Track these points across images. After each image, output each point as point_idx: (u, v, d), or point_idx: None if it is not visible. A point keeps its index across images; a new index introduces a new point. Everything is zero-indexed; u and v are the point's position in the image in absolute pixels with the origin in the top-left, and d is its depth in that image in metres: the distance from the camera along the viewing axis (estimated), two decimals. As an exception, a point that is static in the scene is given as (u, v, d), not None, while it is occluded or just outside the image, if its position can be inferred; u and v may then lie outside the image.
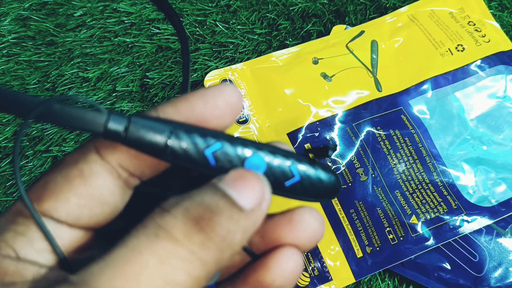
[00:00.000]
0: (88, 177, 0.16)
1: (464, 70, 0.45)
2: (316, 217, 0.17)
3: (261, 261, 0.17)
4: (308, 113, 0.43)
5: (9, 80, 0.47)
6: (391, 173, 0.40)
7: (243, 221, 0.15)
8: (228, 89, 0.17)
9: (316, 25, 0.49)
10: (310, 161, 0.17)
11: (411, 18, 0.48)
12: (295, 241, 0.17)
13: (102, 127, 0.15)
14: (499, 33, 0.47)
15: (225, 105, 0.17)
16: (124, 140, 0.15)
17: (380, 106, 0.43)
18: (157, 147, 0.16)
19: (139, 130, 0.15)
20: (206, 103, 0.16)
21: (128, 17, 0.50)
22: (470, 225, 0.38)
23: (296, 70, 0.44)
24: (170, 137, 0.16)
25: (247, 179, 0.15)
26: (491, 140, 0.42)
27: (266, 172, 0.17)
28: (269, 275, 0.17)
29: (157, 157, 0.16)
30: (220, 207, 0.15)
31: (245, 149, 0.16)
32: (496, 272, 0.37)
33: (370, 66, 0.45)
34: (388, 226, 0.38)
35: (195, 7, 0.50)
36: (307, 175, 0.17)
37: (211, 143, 0.16)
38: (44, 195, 0.16)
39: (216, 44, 0.48)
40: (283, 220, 0.17)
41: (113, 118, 0.15)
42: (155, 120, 0.16)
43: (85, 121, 0.15)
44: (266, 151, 0.17)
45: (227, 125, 0.17)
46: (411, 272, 0.38)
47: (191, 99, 0.16)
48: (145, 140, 0.16)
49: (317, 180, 0.17)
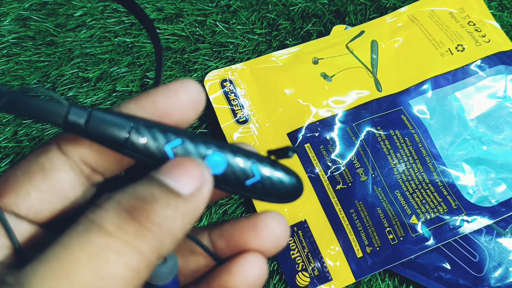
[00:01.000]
0: (48, 172, 0.16)
1: (464, 70, 0.45)
2: (281, 222, 0.17)
3: (225, 266, 0.17)
4: (308, 113, 0.43)
5: (9, 80, 0.47)
6: (391, 173, 0.40)
7: (182, 207, 0.15)
8: (190, 84, 0.17)
9: (316, 25, 0.49)
10: (272, 162, 0.18)
11: (411, 18, 0.48)
12: (260, 247, 0.17)
13: (62, 119, 0.15)
14: (499, 33, 0.47)
15: (187, 99, 0.17)
16: (84, 132, 0.16)
17: (380, 106, 0.43)
18: (117, 141, 0.16)
19: (100, 123, 0.15)
20: (168, 98, 0.16)
21: (128, 17, 0.50)
22: (470, 225, 0.38)
23: (296, 70, 0.44)
24: (130, 131, 0.16)
25: (183, 165, 0.15)
26: (491, 140, 0.42)
27: (227, 170, 0.17)
28: (233, 280, 0.17)
29: (117, 151, 0.16)
30: (155, 195, 0.14)
31: (206, 147, 0.17)
32: (496, 272, 0.37)
33: (370, 66, 0.45)
34: (388, 226, 0.38)
35: (195, 7, 0.50)
36: (268, 175, 0.17)
37: (171, 138, 0.16)
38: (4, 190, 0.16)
39: (216, 44, 0.48)
40: (248, 225, 0.17)
41: (74, 111, 0.15)
42: (116, 114, 0.16)
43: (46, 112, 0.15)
44: (227, 149, 0.17)
45: (190, 119, 0.17)
46: (411, 272, 0.38)
47: (153, 94, 0.16)
48: (105, 134, 0.16)
49: (278, 181, 0.17)
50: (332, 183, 0.40)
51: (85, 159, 0.16)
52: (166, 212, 0.14)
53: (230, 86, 0.44)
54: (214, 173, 0.17)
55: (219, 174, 0.17)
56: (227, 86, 0.44)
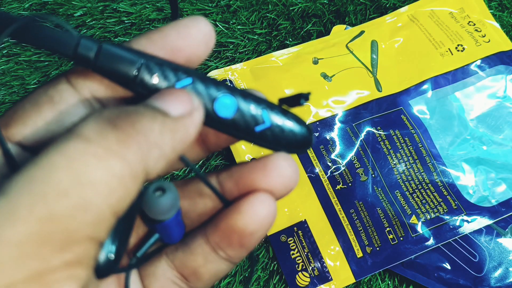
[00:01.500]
0: (57, 103, 0.16)
1: (464, 70, 0.45)
2: (290, 163, 0.17)
3: (233, 206, 0.17)
4: (308, 113, 0.43)
5: (9, 80, 0.47)
6: (391, 173, 0.40)
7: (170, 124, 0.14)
8: (200, 20, 0.17)
9: (316, 25, 0.49)
10: (282, 110, 0.17)
11: (411, 18, 0.48)
12: (269, 187, 0.17)
13: (72, 50, 0.15)
14: (499, 33, 0.47)
15: (197, 34, 0.16)
16: (93, 66, 0.15)
17: (380, 106, 0.43)
18: (126, 76, 0.15)
19: (110, 57, 0.15)
20: (179, 33, 0.16)
21: (128, 17, 0.50)
22: (470, 225, 0.38)
23: (296, 70, 0.44)
24: (140, 68, 0.15)
25: (173, 93, 0.15)
26: (491, 140, 0.42)
27: (236, 114, 0.16)
28: (242, 220, 0.16)
29: (126, 88, 0.16)
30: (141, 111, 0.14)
31: (216, 88, 0.16)
32: (496, 272, 0.37)
33: (370, 66, 0.45)
34: (388, 226, 0.38)
35: (195, 7, 0.50)
36: (278, 122, 0.17)
37: (182, 77, 0.16)
38: (12, 120, 0.15)
39: (216, 44, 0.48)
40: (257, 166, 0.17)
41: (84, 42, 0.15)
42: (127, 50, 0.16)
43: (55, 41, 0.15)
44: (238, 94, 0.16)
45: (201, 55, 0.17)
46: (411, 272, 0.38)
47: (164, 30, 0.16)
48: (115, 69, 0.15)
49: (288, 129, 0.17)
50: (332, 183, 0.40)
51: (95, 93, 0.16)
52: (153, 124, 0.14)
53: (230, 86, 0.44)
54: (224, 116, 0.16)
55: (228, 118, 0.16)
56: (227, 86, 0.44)
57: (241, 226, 0.16)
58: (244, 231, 0.16)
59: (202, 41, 0.16)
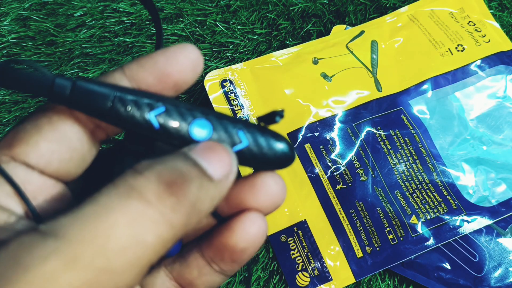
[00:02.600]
0: (56, 123, 0.16)
1: (464, 70, 0.45)
2: (277, 181, 0.18)
3: (226, 224, 0.18)
4: (308, 113, 0.43)
5: (9, 80, 0.47)
6: (391, 173, 0.40)
7: (211, 190, 0.15)
8: (188, 47, 0.17)
9: (316, 25, 0.49)
10: (260, 128, 0.17)
11: (411, 18, 0.48)
12: (258, 205, 0.18)
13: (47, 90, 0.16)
14: (499, 33, 0.47)
15: (186, 61, 0.17)
16: (69, 102, 0.16)
17: (380, 106, 0.43)
18: (101, 110, 0.16)
19: (84, 93, 0.16)
20: (168, 60, 0.17)
21: (128, 17, 0.50)
22: (470, 225, 0.38)
23: (296, 70, 0.44)
24: (114, 100, 0.16)
25: (216, 150, 0.16)
26: (491, 140, 0.42)
27: (212, 136, 0.17)
28: (233, 238, 0.17)
29: (102, 120, 0.16)
30: (192, 174, 0.15)
31: (190, 113, 0.17)
32: (496, 272, 0.37)
33: (370, 66, 0.45)
34: (388, 226, 0.38)
35: (195, 7, 0.50)
36: (256, 140, 0.17)
37: (155, 106, 0.16)
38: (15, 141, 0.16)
39: (216, 44, 0.48)
40: (245, 185, 0.18)
41: (58, 81, 0.16)
42: (100, 84, 0.16)
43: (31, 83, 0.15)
44: (212, 116, 0.17)
45: (189, 81, 0.18)
46: (411, 272, 0.38)
47: (154, 56, 0.17)
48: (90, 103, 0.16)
49: (266, 147, 0.17)
50: (332, 183, 0.40)
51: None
52: (200, 192, 0.15)
53: (230, 86, 0.44)
54: (199, 139, 0.16)
55: (204, 140, 0.17)
56: (227, 86, 0.44)
57: (232, 243, 0.17)
58: (235, 248, 0.17)
59: (190, 67, 0.17)
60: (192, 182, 0.15)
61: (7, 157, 0.16)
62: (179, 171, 0.15)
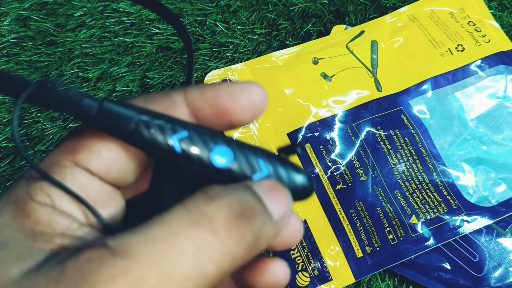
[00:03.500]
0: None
1: (464, 70, 0.45)
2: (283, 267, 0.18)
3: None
4: (308, 113, 0.43)
5: (9, 80, 0.47)
6: (391, 173, 0.40)
7: (270, 229, 0.16)
8: (254, 88, 0.17)
9: (316, 25, 0.49)
10: (280, 158, 0.17)
11: (411, 18, 0.48)
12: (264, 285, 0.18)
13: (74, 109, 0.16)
14: (499, 33, 0.47)
15: (247, 104, 0.17)
16: (95, 123, 0.16)
17: (380, 106, 0.43)
18: (124, 132, 0.16)
19: (109, 114, 0.16)
20: (230, 97, 0.17)
21: (128, 17, 0.50)
22: (470, 225, 0.38)
23: (296, 70, 0.44)
24: (138, 123, 0.16)
25: (279, 191, 0.16)
26: (491, 140, 0.42)
27: (233, 164, 0.17)
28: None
29: (125, 141, 0.17)
30: (257, 212, 0.15)
31: (212, 140, 0.17)
32: (496, 272, 0.37)
33: (370, 66, 0.45)
34: (388, 226, 0.38)
35: (195, 7, 0.50)
36: (276, 171, 0.17)
37: (178, 130, 0.16)
38: (78, 147, 0.16)
39: (216, 44, 0.48)
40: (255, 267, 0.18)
41: (86, 101, 0.16)
42: (126, 106, 0.16)
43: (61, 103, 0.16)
44: (234, 144, 0.17)
45: (246, 121, 0.17)
46: (411, 272, 0.38)
47: (217, 88, 0.17)
48: (114, 125, 0.16)
49: (286, 178, 0.17)
50: (332, 183, 0.40)
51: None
52: (261, 229, 0.15)
53: (230, 86, 0.44)
54: (220, 166, 0.17)
55: (225, 167, 0.17)
56: (227, 86, 0.44)
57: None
58: None
59: (250, 110, 0.17)
60: (258, 217, 0.15)
61: (71, 162, 0.16)
62: (248, 204, 0.15)
